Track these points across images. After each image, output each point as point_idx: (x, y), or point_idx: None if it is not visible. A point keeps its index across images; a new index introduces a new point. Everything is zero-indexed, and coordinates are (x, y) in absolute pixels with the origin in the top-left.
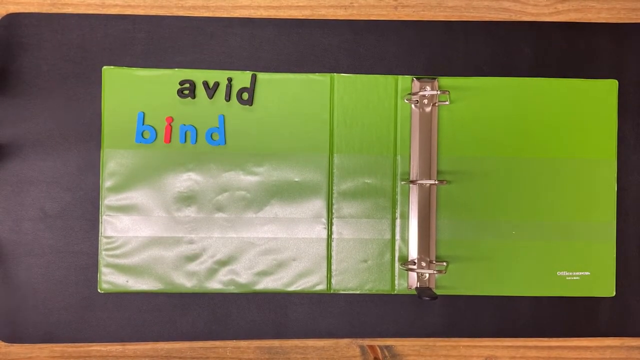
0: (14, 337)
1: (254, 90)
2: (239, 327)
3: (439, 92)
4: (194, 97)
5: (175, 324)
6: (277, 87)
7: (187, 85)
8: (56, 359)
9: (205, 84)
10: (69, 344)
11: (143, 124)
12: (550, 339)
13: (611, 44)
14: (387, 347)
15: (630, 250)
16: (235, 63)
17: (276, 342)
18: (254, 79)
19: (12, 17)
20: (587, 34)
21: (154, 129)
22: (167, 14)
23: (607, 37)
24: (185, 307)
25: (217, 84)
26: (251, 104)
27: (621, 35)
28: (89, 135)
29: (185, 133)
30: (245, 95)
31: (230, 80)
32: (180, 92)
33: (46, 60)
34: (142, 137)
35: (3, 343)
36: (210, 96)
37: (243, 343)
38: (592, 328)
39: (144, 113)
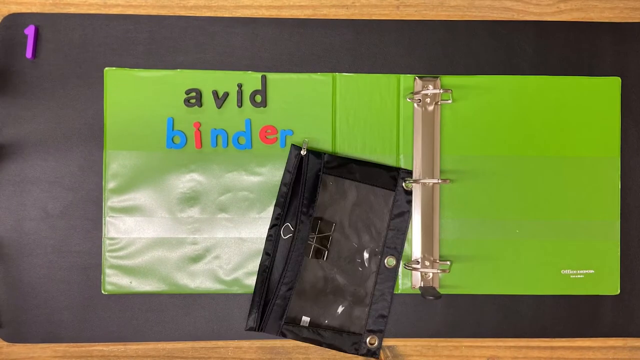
0: (16, 337)
1: (266, 91)
2: (240, 327)
3: (441, 91)
4: (200, 105)
5: (177, 324)
6: (280, 87)
7: (193, 94)
8: (58, 359)
9: (215, 93)
10: (71, 344)
11: (173, 130)
12: (553, 339)
13: (614, 43)
14: (389, 347)
15: (634, 249)
16: (237, 63)
17: (278, 342)
18: (264, 80)
19: (14, 17)
20: (590, 34)
21: (184, 134)
22: (169, 14)
23: (610, 37)
24: (187, 307)
25: (226, 94)
26: (265, 106)
27: (624, 35)
28: (90, 134)
29: (217, 137)
30: (259, 98)
31: (240, 86)
32: (187, 102)
33: (48, 60)
34: (173, 142)
35: (5, 342)
36: (219, 106)
37: (245, 343)
38: (595, 328)
39: (173, 119)
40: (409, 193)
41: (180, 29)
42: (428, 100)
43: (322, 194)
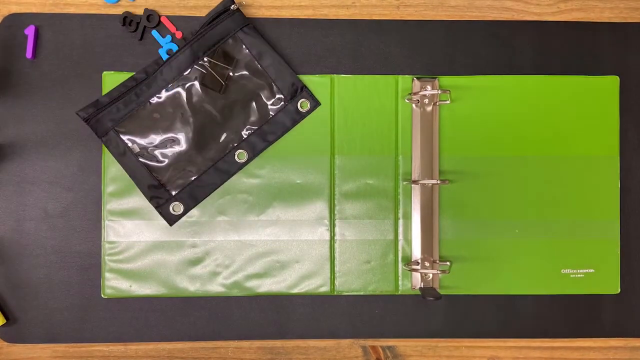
0: (16, 337)
1: None
2: (240, 327)
3: (439, 92)
4: None
5: (177, 324)
6: None
7: None
8: (58, 359)
9: None
10: (71, 344)
11: None
12: (553, 339)
13: (614, 43)
14: (389, 347)
15: (633, 248)
16: None
17: (278, 343)
18: None
19: (15, 17)
20: (590, 33)
21: None
22: (169, 14)
23: (610, 36)
24: (187, 307)
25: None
26: None
27: (624, 35)
28: (90, 134)
29: None
30: None
31: None
32: None
33: (48, 60)
34: None
35: (5, 343)
36: None
37: (245, 343)
38: (595, 327)
39: None
40: (300, 114)
41: (180, 29)
42: (426, 101)
43: (228, 45)
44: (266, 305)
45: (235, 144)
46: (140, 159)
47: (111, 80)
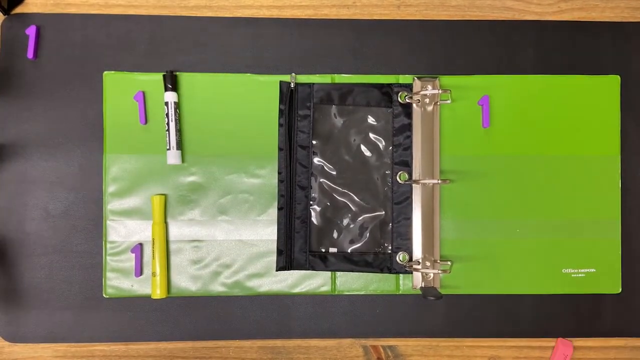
0: (17, 337)
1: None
2: (242, 327)
3: (440, 91)
4: None
5: (178, 324)
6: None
7: None
8: (59, 359)
9: None
10: (72, 344)
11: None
12: (554, 339)
13: (615, 43)
14: (390, 347)
15: (634, 247)
16: (237, 63)
17: (279, 342)
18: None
19: (16, 17)
20: (591, 33)
21: None
22: (170, 14)
23: (611, 36)
24: (188, 307)
25: None
26: None
27: (625, 34)
28: (92, 134)
29: None
30: None
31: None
32: None
33: (49, 60)
34: None
35: (7, 342)
36: None
37: (246, 343)
38: (596, 327)
39: None
40: (406, 106)
41: (181, 29)
42: (427, 100)
43: (317, 123)
44: (267, 305)
45: (390, 173)
46: (347, 257)
47: (112, 80)
